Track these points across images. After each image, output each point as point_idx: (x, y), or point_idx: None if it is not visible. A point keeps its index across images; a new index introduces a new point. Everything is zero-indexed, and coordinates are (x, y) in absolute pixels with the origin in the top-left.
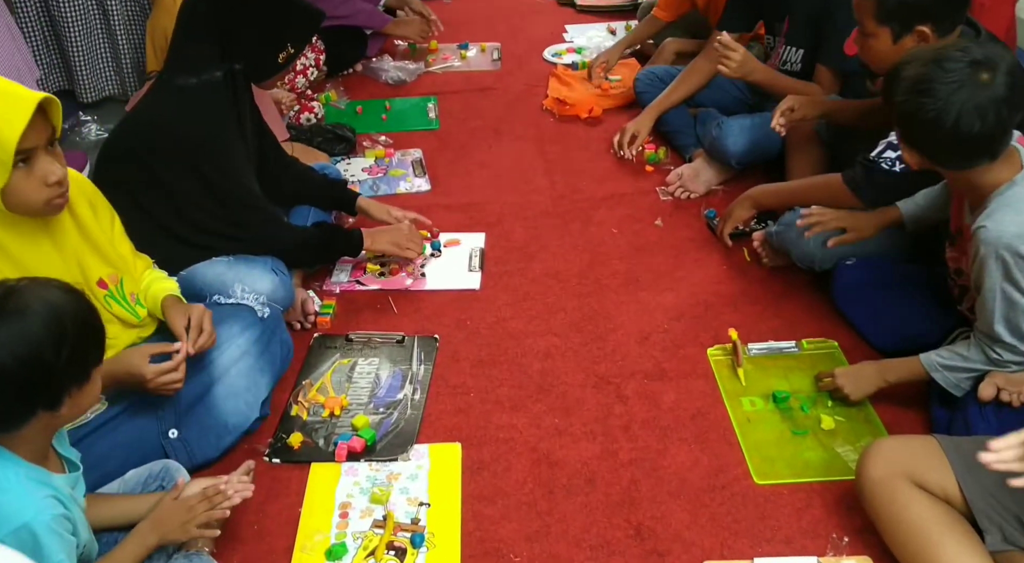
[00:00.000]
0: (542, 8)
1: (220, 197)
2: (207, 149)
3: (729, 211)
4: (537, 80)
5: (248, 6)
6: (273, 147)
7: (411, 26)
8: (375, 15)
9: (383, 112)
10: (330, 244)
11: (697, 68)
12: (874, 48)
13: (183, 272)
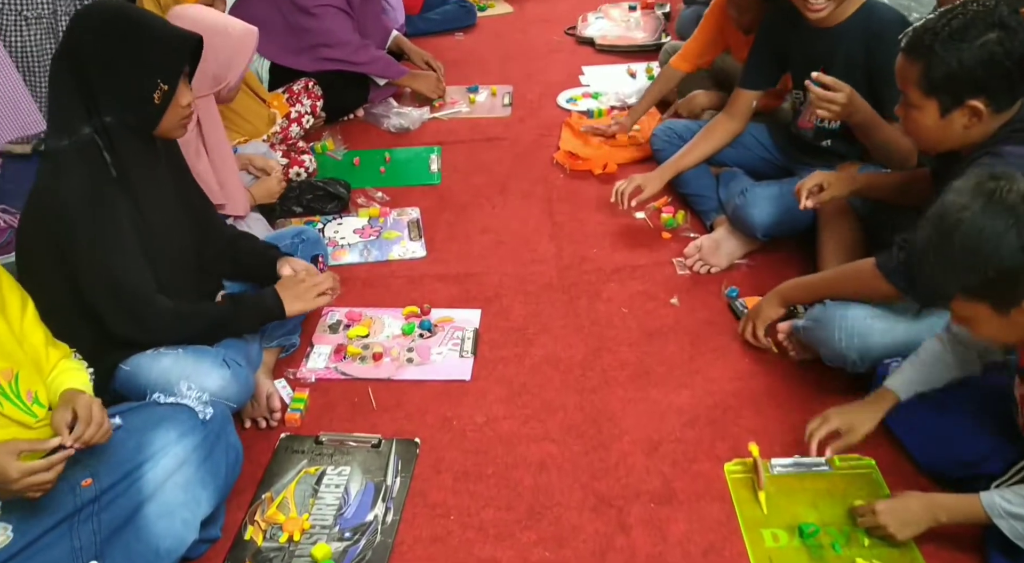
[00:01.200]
0: (559, 47)
1: (97, 281)
2: (74, 222)
3: (757, 310)
4: (549, 129)
5: (99, 48)
6: (200, 207)
7: (425, 81)
8: (391, 66)
9: (382, 164)
10: (239, 322)
11: (719, 126)
12: (919, 122)
13: (124, 365)
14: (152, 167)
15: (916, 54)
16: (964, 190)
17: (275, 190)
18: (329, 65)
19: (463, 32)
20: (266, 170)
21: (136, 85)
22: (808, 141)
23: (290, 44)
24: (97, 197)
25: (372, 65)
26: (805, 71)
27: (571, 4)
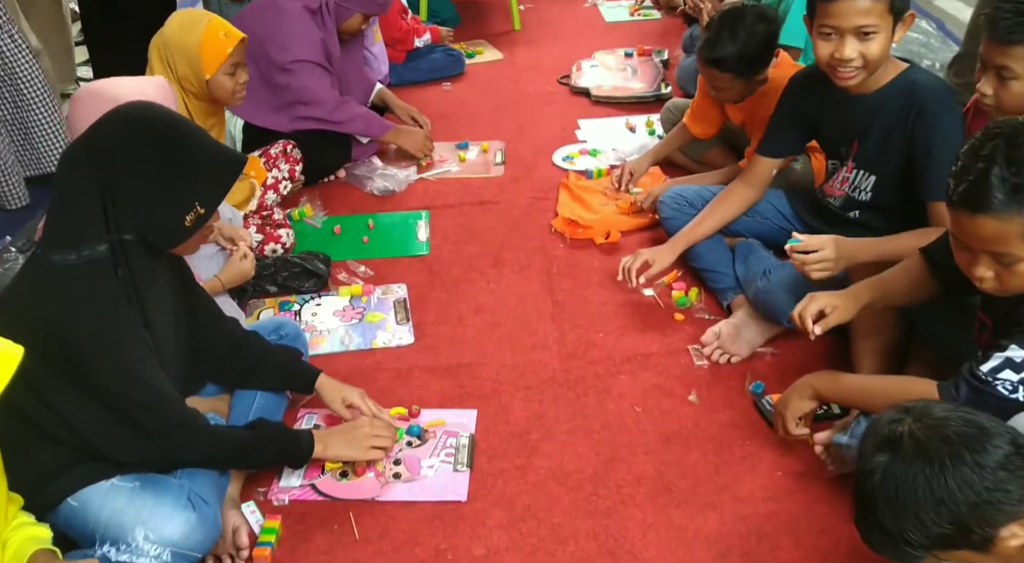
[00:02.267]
0: (553, 98)
1: (109, 402)
2: (87, 347)
3: (785, 401)
4: (545, 191)
5: (140, 161)
6: (207, 314)
7: (411, 138)
8: (374, 122)
9: (365, 232)
10: (262, 454)
11: (734, 194)
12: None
13: (72, 500)
14: (159, 277)
15: (1008, 210)
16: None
17: (247, 272)
18: (307, 124)
19: (451, 81)
20: (234, 240)
21: (172, 209)
22: (835, 211)
23: (265, 102)
24: (114, 320)
25: (352, 123)
26: (835, 140)
27: (564, 50)
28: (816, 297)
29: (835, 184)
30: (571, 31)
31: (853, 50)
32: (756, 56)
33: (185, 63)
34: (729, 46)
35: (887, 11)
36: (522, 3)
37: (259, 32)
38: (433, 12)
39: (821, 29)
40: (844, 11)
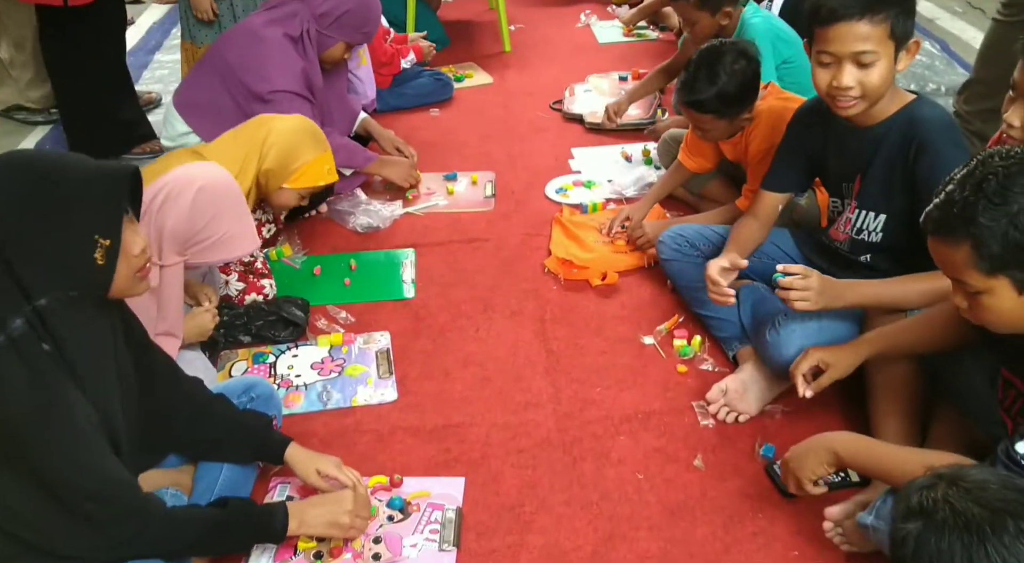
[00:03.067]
0: (545, 125)
1: (52, 491)
2: (24, 434)
3: (799, 460)
4: (538, 226)
5: (12, 212)
6: (164, 375)
7: (397, 169)
8: (356, 153)
9: (347, 273)
10: (228, 540)
11: (747, 229)
12: (994, 308)
13: None
14: (100, 337)
15: (956, 234)
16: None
17: (207, 327)
18: None
19: (439, 107)
20: (198, 300)
21: (72, 252)
22: (843, 254)
23: None
24: (50, 403)
25: (334, 155)
26: (838, 177)
27: (556, 73)
28: (810, 353)
29: (839, 227)
30: (563, 52)
31: (851, 78)
32: (737, 95)
33: (280, 164)
34: (707, 87)
35: (887, 37)
36: (512, 23)
37: (237, 60)
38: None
39: (819, 56)
40: (841, 36)
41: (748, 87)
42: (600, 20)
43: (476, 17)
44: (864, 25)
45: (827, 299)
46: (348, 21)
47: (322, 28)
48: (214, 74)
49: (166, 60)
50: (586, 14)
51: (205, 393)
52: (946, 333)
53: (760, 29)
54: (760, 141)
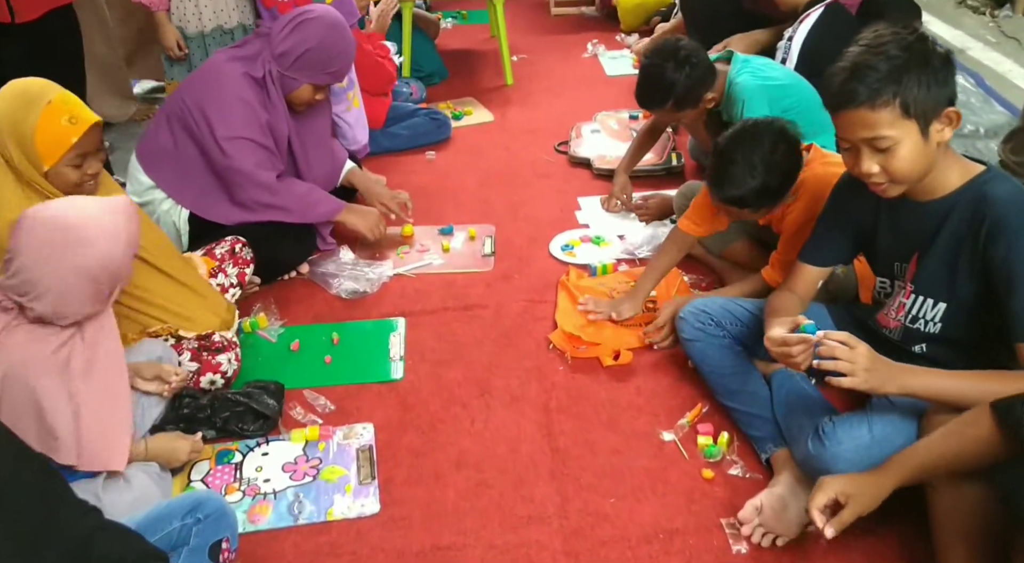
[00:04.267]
0: (550, 169)
1: None
2: None
3: None
4: (541, 291)
5: None
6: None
7: (363, 218)
8: (320, 203)
9: (328, 348)
10: None
11: (783, 304)
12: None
13: None
14: None
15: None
16: None
17: (180, 454)
18: (253, 215)
19: (435, 148)
20: (161, 393)
21: None
22: (894, 343)
23: (208, 186)
24: None
25: (285, 210)
26: (889, 254)
27: (561, 108)
28: (826, 483)
29: (890, 312)
30: (569, 86)
31: (872, 163)
32: (781, 187)
33: (18, 148)
34: (746, 182)
35: (899, 118)
36: (515, 53)
37: (195, 102)
38: (417, 67)
39: (838, 139)
40: (847, 123)
41: (793, 171)
42: (608, 50)
43: (477, 46)
44: (865, 112)
45: (878, 380)
46: (310, 61)
47: (283, 69)
48: (173, 118)
49: None
50: (593, 43)
51: (92, 518)
52: (990, 441)
53: (750, 87)
54: (801, 212)
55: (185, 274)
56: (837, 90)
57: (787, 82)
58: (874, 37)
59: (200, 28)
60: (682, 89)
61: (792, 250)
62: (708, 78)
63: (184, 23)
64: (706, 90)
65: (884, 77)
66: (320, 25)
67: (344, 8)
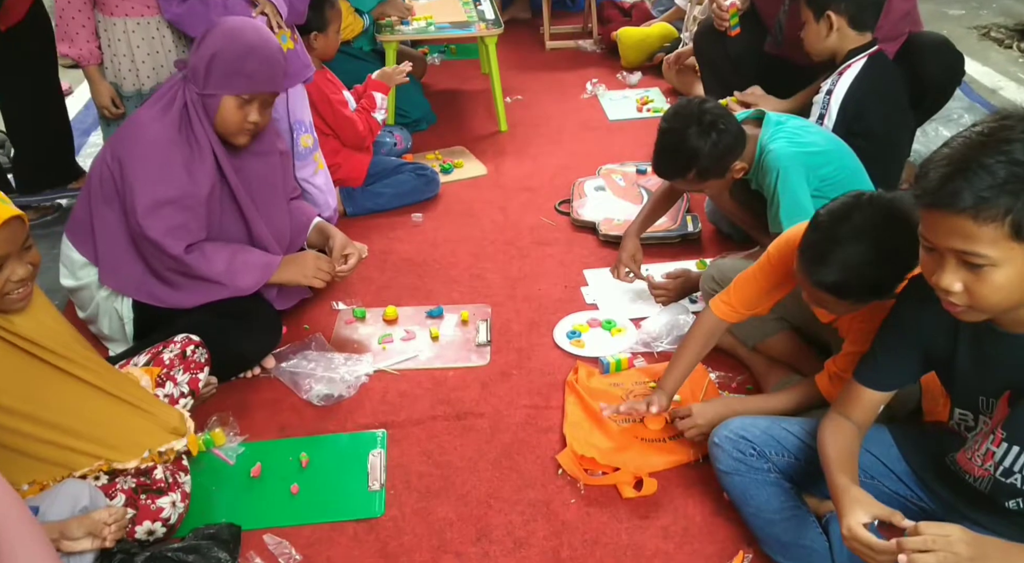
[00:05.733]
0: (551, 235)
1: None
2: None
3: None
4: (546, 393)
5: None
6: None
7: (296, 268)
8: (241, 271)
9: (295, 474)
10: None
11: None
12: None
13: None
14: None
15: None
16: None
17: None
18: (182, 297)
19: (422, 209)
20: (96, 549)
21: None
22: (981, 493)
23: (141, 267)
24: None
25: (216, 284)
26: (971, 387)
27: (561, 161)
28: None
29: (974, 457)
30: (568, 132)
31: (954, 279)
32: (894, 278)
33: None
34: (858, 268)
35: (1006, 239)
36: (509, 94)
37: (116, 161)
38: (403, 112)
39: (921, 239)
40: (936, 225)
41: (909, 264)
42: (608, 90)
43: (467, 84)
44: (965, 221)
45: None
46: (220, 65)
47: (200, 89)
48: (96, 183)
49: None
50: (592, 82)
51: None
52: None
53: (785, 155)
54: (877, 315)
55: (120, 386)
56: (936, 186)
57: (826, 148)
58: (998, 127)
59: (138, 86)
60: (707, 159)
61: (854, 366)
62: (737, 146)
63: (120, 80)
64: (734, 159)
65: (1000, 186)
66: (224, 27)
67: (298, 62)
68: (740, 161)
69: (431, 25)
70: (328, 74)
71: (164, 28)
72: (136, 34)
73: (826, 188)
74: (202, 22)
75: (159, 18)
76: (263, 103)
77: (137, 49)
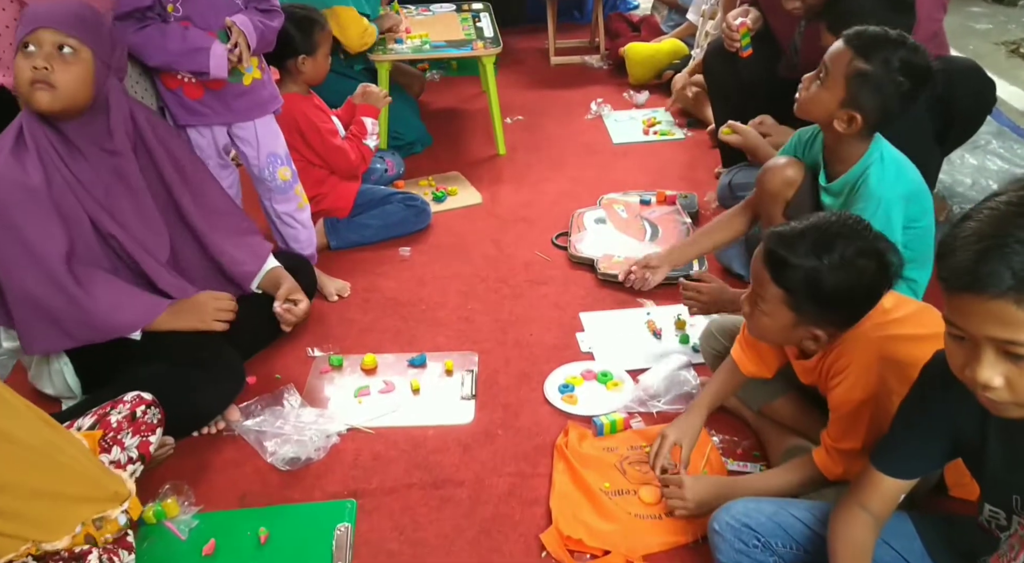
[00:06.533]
0: (547, 272)
1: None
2: None
3: None
4: (534, 459)
5: None
6: None
7: (191, 313)
8: (127, 312)
9: (252, 550)
10: None
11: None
12: None
13: None
14: None
15: None
16: None
17: None
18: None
19: (410, 242)
20: None
21: None
22: None
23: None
24: None
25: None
26: (1002, 483)
27: (561, 189)
28: None
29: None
30: (570, 156)
31: (994, 373)
32: (834, 299)
33: None
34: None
35: None
36: (509, 114)
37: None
38: (396, 135)
39: (948, 326)
40: (967, 310)
41: (857, 300)
42: (614, 110)
43: (467, 103)
44: (1006, 305)
45: None
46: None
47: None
48: None
49: None
50: (597, 103)
51: None
52: None
53: (890, 190)
54: (852, 389)
55: (49, 445)
56: (968, 266)
57: (919, 187)
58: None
59: None
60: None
61: (846, 436)
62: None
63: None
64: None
65: None
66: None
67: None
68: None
69: (426, 43)
70: (316, 100)
71: None
72: None
73: (907, 225)
74: (160, 51)
75: None
76: (45, 43)
77: None
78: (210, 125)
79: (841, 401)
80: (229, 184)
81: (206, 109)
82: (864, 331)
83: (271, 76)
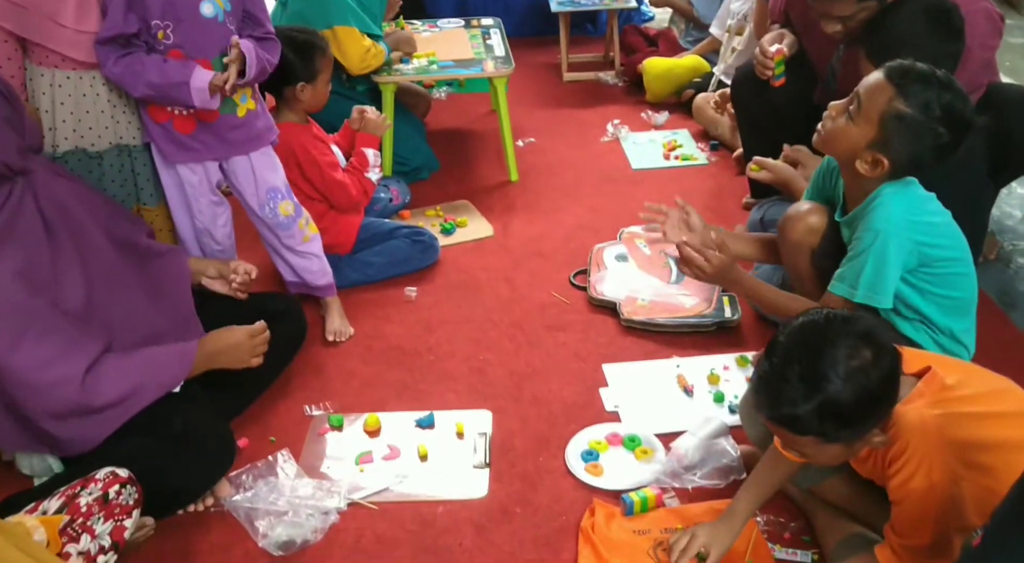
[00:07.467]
0: (563, 319)
1: None
2: None
3: None
4: (555, 544)
5: None
6: None
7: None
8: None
9: None
10: None
11: None
12: None
13: None
14: None
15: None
16: None
17: None
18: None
19: (417, 281)
20: None
21: None
22: None
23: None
24: None
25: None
26: None
27: (577, 220)
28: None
29: None
30: (586, 184)
31: None
32: (859, 409)
33: None
34: (801, 400)
35: None
36: (521, 137)
37: None
38: (402, 160)
39: None
40: None
41: (878, 392)
42: (632, 132)
43: (476, 123)
44: None
45: None
46: None
47: None
48: None
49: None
50: (614, 124)
51: None
52: None
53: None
54: (911, 476)
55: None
56: None
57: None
58: None
59: (51, 148)
60: None
61: (913, 532)
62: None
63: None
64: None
65: None
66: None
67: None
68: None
69: (433, 63)
70: (315, 129)
71: (100, 85)
72: (63, 89)
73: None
74: (142, 82)
75: (94, 74)
76: None
77: (60, 106)
78: (202, 161)
79: (903, 493)
80: (223, 222)
81: (198, 144)
82: (918, 409)
83: (265, 106)
